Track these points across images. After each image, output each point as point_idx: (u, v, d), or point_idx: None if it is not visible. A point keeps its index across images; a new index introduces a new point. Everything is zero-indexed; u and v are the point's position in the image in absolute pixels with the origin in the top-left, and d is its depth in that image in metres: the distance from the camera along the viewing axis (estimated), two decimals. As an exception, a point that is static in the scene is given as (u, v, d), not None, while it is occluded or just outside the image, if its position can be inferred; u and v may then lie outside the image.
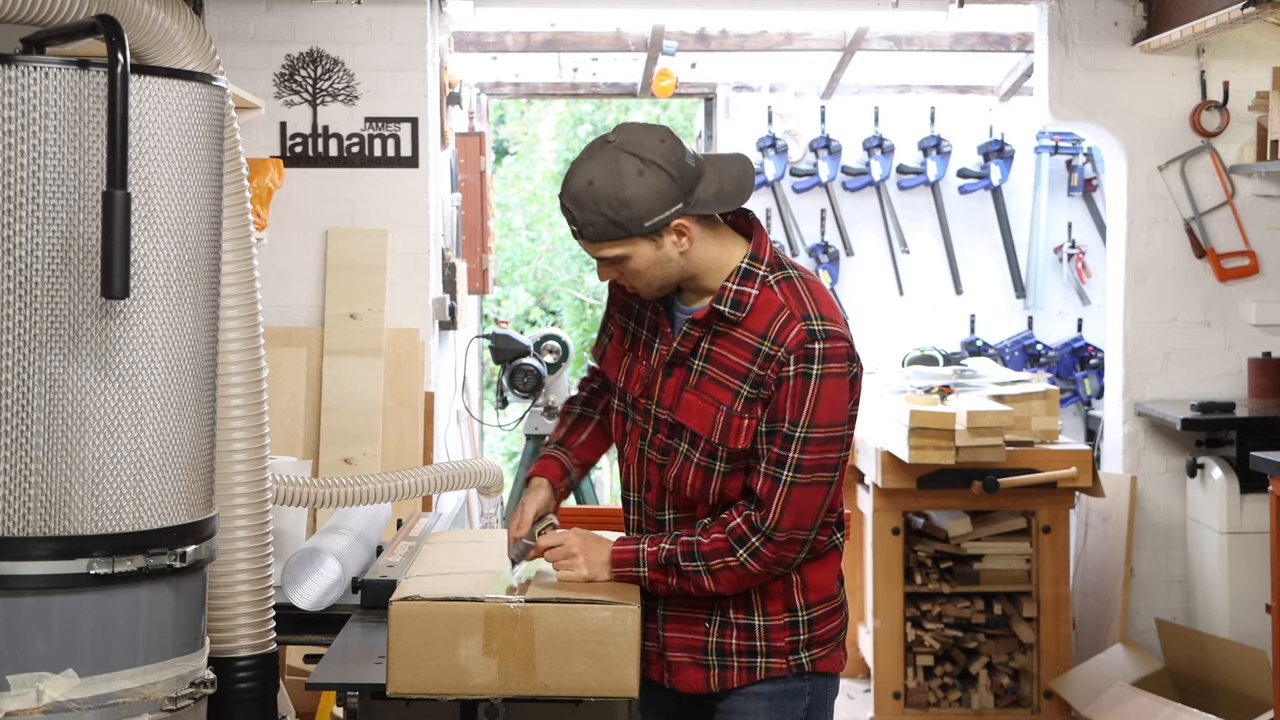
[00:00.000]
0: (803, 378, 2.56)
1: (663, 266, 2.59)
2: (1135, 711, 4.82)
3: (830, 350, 2.57)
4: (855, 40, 6.82)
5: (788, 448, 2.58)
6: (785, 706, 2.72)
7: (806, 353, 2.56)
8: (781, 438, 2.58)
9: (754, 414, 2.60)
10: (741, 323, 2.60)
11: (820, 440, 2.58)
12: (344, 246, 5.60)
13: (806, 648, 2.71)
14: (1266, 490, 4.51)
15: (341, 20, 5.59)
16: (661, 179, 2.52)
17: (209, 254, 2.55)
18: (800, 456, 2.57)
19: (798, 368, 2.56)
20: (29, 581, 2.34)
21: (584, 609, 2.59)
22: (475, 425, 6.99)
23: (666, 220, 2.54)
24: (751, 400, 2.60)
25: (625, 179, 2.51)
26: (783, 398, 2.57)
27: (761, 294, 2.61)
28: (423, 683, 2.59)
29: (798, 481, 2.58)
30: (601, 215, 2.53)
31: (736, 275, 2.61)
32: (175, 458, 2.46)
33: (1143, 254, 5.80)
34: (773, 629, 2.70)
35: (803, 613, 2.71)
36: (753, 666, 2.70)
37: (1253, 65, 5.73)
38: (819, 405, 2.57)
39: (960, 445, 5.02)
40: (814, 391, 2.56)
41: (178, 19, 2.79)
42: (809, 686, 2.74)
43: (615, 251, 2.57)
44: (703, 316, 2.62)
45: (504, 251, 13.11)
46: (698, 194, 2.57)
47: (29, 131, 2.30)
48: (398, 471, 3.58)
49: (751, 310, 2.60)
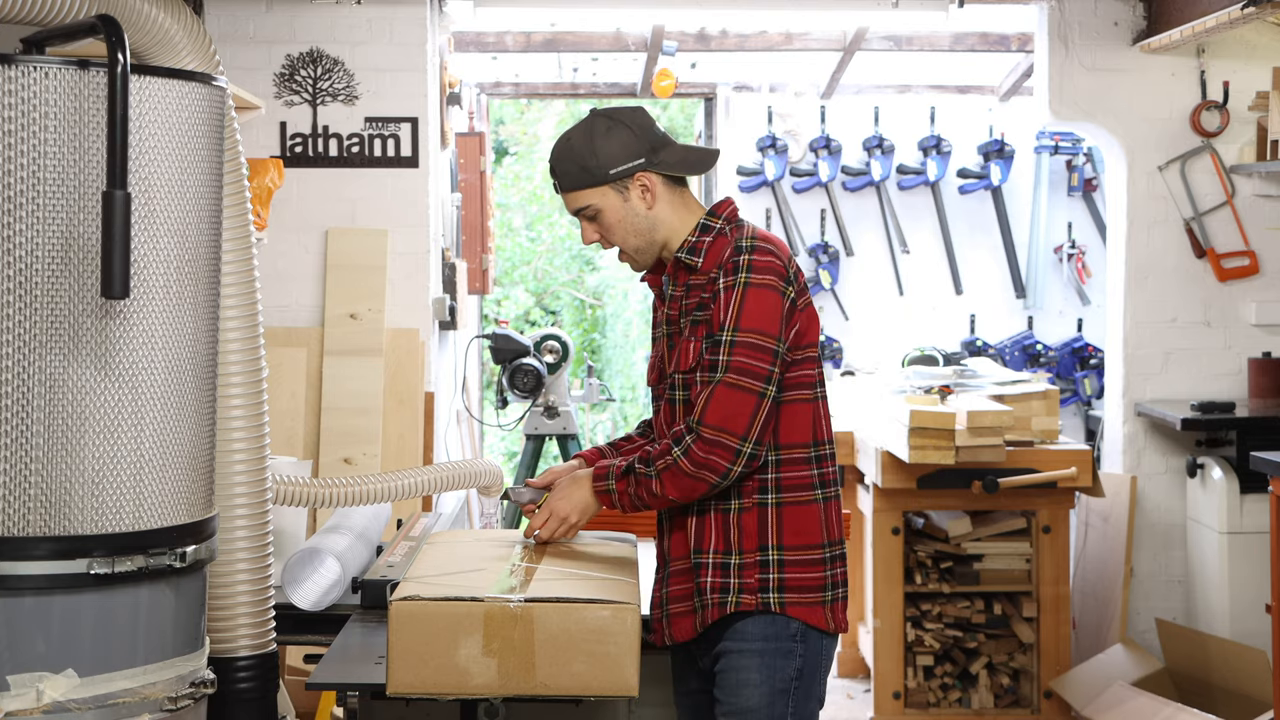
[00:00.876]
0: (729, 289, 2.80)
1: (632, 221, 2.88)
2: (1135, 711, 4.82)
3: (756, 262, 2.80)
4: (855, 40, 6.82)
5: (716, 352, 2.79)
6: (777, 664, 2.81)
7: (733, 264, 2.80)
8: (714, 345, 2.80)
9: (697, 335, 2.84)
10: (699, 269, 2.86)
11: (746, 345, 2.77)
12: (344, 246, 5.60)
13: (778, 589, 2.82)
14: (1266, 490, 4.51)
15: (341, 20, 5.59)
16: (626, 134, 2.86)
17: (209, 254, 2.55)
18: (727, 358, 2.77)
19: (726, 280, 2.81)
20: (29, 581, 2.34)
21: (584, 608, 2.60)
22: (475, 425, 6.99)
23: (630, 170, 2.85)
24: (696, 323, 2.84)
25: (595, 133, 2.87)
26: (716, 311, 2.80)
27: (716, 241, 2.88)
28: (423, 683, 2.60)
29: (724, 381, 2.76)
30: (574, 165, 2.87)
31: (696, 229, 2.90)
32: (175, 458, 2.46)
33: (1143, 254, 5.80)
34: (745, 566, 2.82)
35: (774, 552, 2.83)
36: (724, 602, 2.83)
37: (1253, 65, 5.73)
38: (744, 310, 2.77)
39: (960, 445, 5.02)
40: (738, 297, 2.78)
41: (178, 19, 2.79)
42: (802, 649, 2.82)
43: (587, 200, 2.88)
44: (671, 270, 2.91)
45: (504, 251, 13.11)
46: (662, 156, 2.88)
47: (29, 131, 2.30)
48: (398, 471, 3.58)
49: (706, 256, 2.87)
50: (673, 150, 2.89)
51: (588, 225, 2.91)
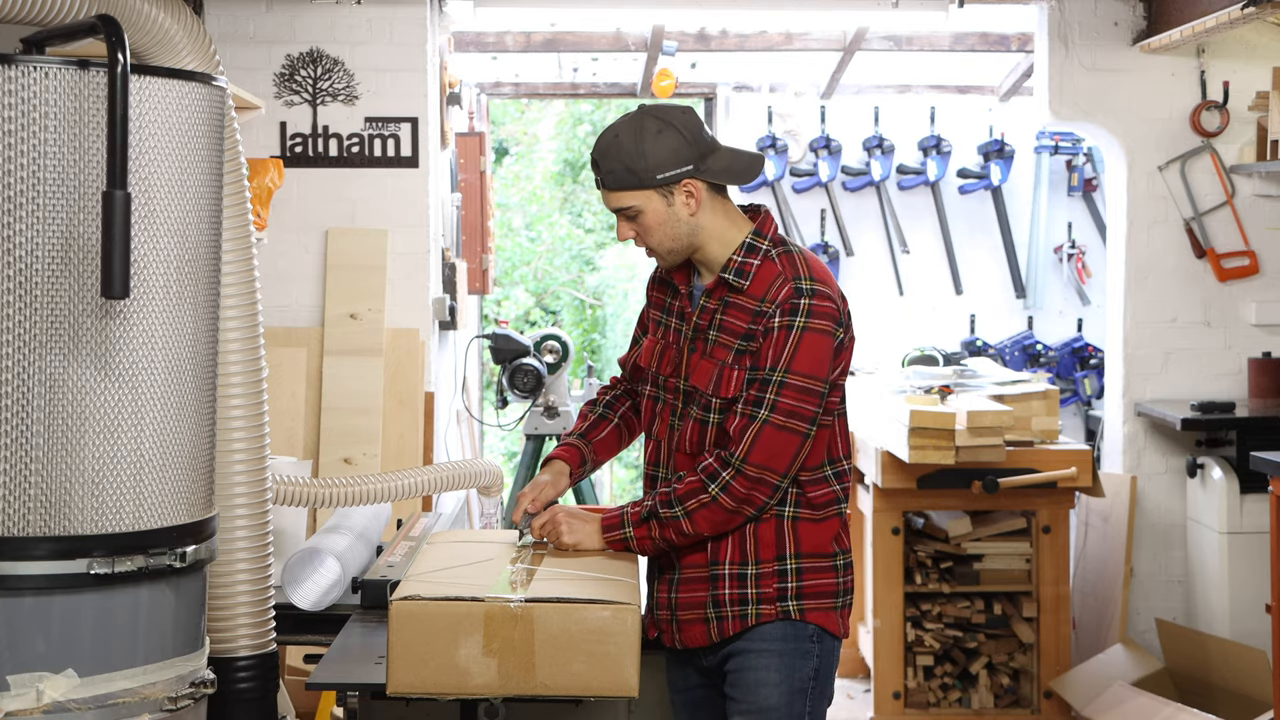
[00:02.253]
0: (785, 329, 2.78)
1: (672, 226, 2.85)
2: (1135, 711, 4.82)
3: (815, 306, 2.79)
4: (855, 40, 6.82)
5: (765, 390, 2.78)
6: (795, 664, 2.83)
7: (792, 306, 2.78)
8: (760, 382, 2.77)
9: (742, 365, 2.82)
10: (745, 291, 2.83)
11: (797, 388, 2.77)
12: (344, 246, 5.60)
13: (795, 597, 2.84)
14: (1266, 490, 4.51)
15: (341, 20, 5.59)
16: (677, 139, 2.80)
17: (209, 254, 2.55)
18: (776, 398, 2.76)
19: (782, 320, 2.78)
20: (29, 581, 2.34)
21: (584, 609, 2.59)
22: (475, 425, 6.99)
23: (678, 177, 2.81)
24: (742, 353, 2.82)
25: (645, 134, 2.80)
26: (765, 347, 2.79)
27: (763, 265, 2.84)
28: (423, 682, 2.59)
29: (771, 421, 2.76)
30: (621, 164, 2.81)
31: (742, 249, 2.86)
32: (175, 458, 2.46)
33: (1143, 254, 5.80)
34: (762, 576, 2.84)
35: (791, 562, 2.85)
36: (744, 614, 2.84)
37: (1253, 65, 5.73)
38: (798, 354, 2.77)
39: (960, 445, 5.02)
40: (794, 340, 2.77)
41: (178, 19, 2.79)
42: (819, 649, 2.85)
43: (630, 202, 2.83)
44: (712, 286, 2.87)
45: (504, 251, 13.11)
46: (710, 163, 2.83)
47: (29, 131, 2.30)
48: (398, 471, 3.58)
49: (754, 279, 2.83)
50: (720, 156, 2.86)
51: (625, 224, 2.89)
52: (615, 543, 2.87)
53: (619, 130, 2.83)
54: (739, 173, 2.87)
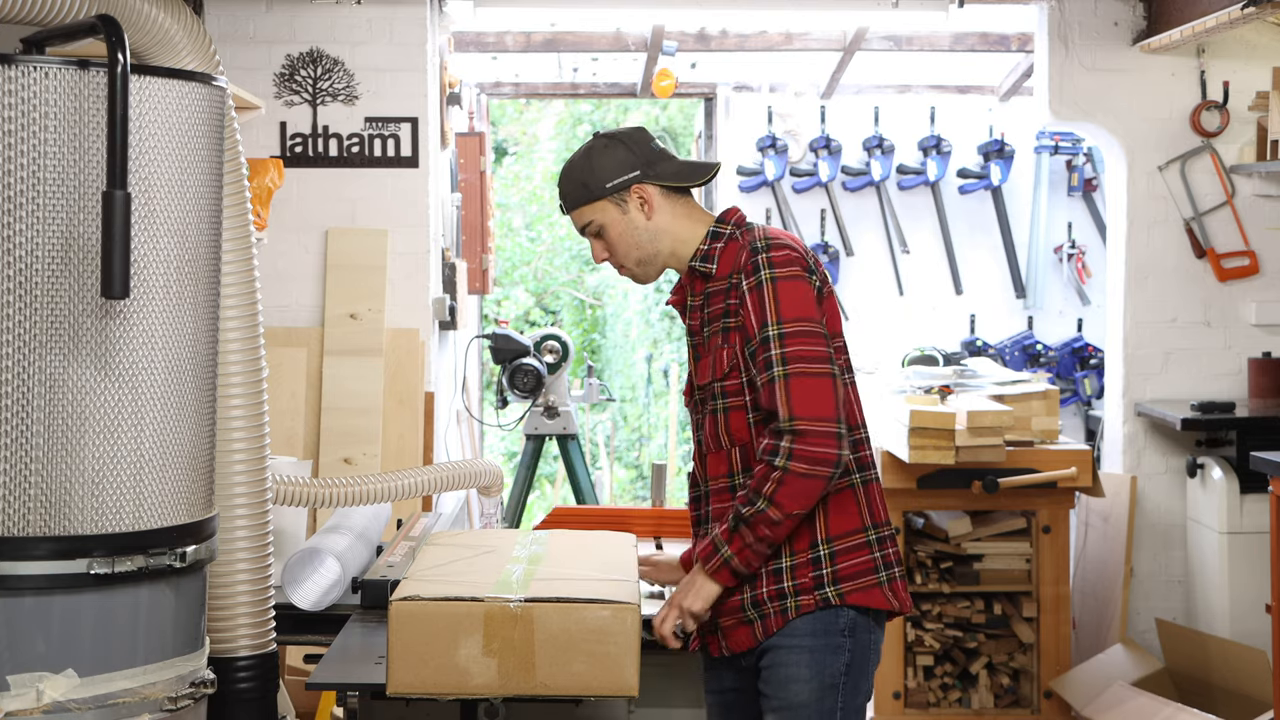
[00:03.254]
0: (755, 288, 2.82)
1: (632, 234, 2.93)
2: (1135, 711, 4.82)
3: (775, 258, 2.83)
4: (855, 40, 6.82)
5: (768, 348, 2.79)
6: (826, 660, 2.82)
7: (754, 265, 2.83)
8: (759, 345, 2.79)
9: (730, 342, 2.85)
10: (714, 275, 2.90)
11: (795, 334, 2.78)
12: (344, 246, 5.60)
13: (832, 582, 2.83)
14: (1266, 490, 4.51)
15: (341, 20, 5.59)
16: (623, 151, 2.93)
17: (209, 254, 2.55)
18: (783, 350, 2.78)
19: (749, 281, 2.83)
20: (29, 581, 2.34)
21: (584, 608, 2.59)
22: (475, 425, 6.99)
23: (626, 184, 2.91)
24: (728, 330, 2.86)
25: (594, 152, 2.95)
26: (746, 315, 2.82)
27: (726, 247, 2.92)
28: (423, 682, 2.59)
29: (790, 372, 2.77)
30: (574, 183, 2.94)
31: (707, 238, 2.94)
32: (175, 458, 2.46)
33: (1143, 254, 5.80)
34: (798, 567, 2.83)
35: (824, 547, 2.84)
36: (784, 608, 2.83)
37: (1253, 65, 5.73)
38: (780, 303, 2.79)
39: (960, 445, 5.02)
40: (769, 293, 2.80)
41: (178, 19, 2.79)
42: (850, 643, 2.84)
43: (590, 217, 2.93)
44: (688, 281, 2.95)
45: (504, 251, 13.11)
46: (658, 169, 2.93)
47: (29, 131, 2.30)
48: (398, 471, 3.58)
49: (719, 262, 2.91)
50: (670, 163, 2.95)
51: (596, 244, 2.96)
52: (720, 572, 2.80)
53: (573, 157, 2.97)
54: (687, 174, 2.95)
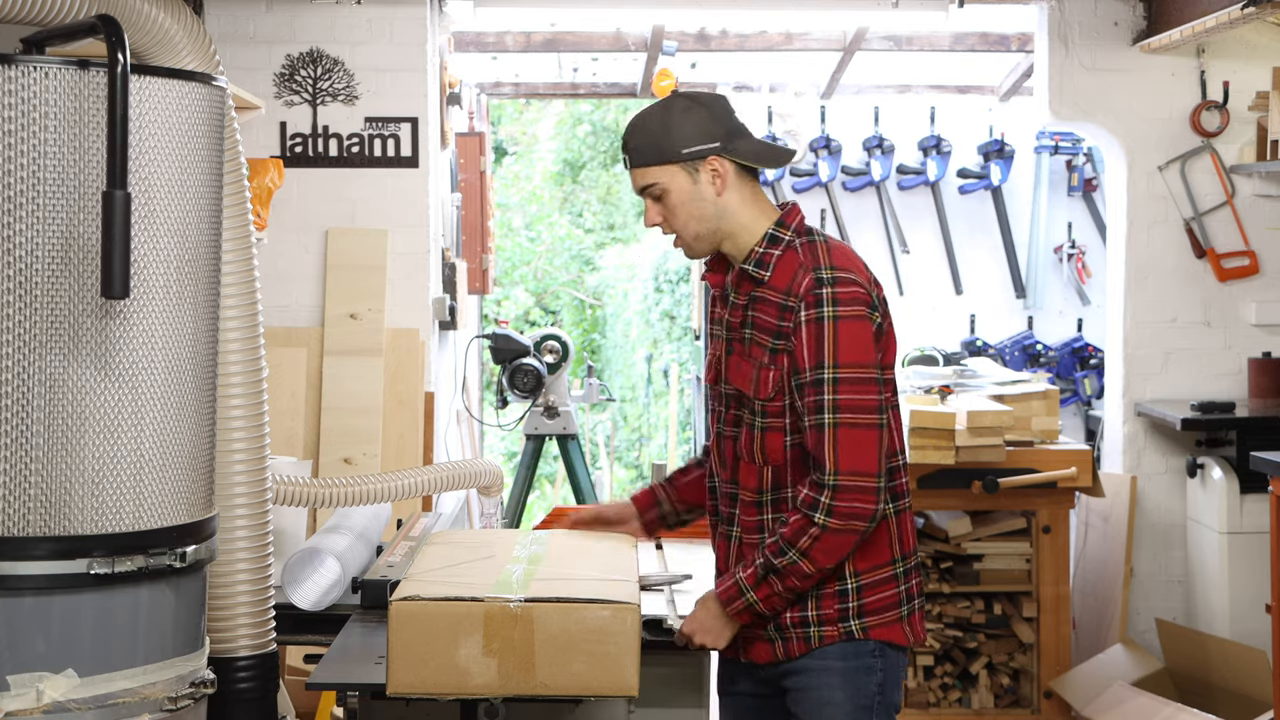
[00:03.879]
0: (815, 322, 2.70)
1: (698, 205, 2.77)
2: (1135, 711, 4.82)
3: (840, 294, 2.70)
4: (855, 40, 6.82)
5: (820, 391, 2.69)
6: (859, 681, 2.78)
7: (815, 298, 2.70)
8: (811, 385, 2.70)
9: (778, 364, 2.73)
10: (767, 283, 2.77)
11: (851, 380, 2.68)
12: (344, 246, 5.59)
13: (857, 615, 2.78)
14: (1266, 490, 4.51)
15: (341, 20, 5.59)
16: (704, 115, 2.77)
17: (209, 254, 2.55)
18: (835, 397, 2.68)
19: (808, 313, 2.70)
20: (29, 581, 2.33)
21: (584, 608, 2.59)
22: (475, 425, 6.99)
23: (703, 153, 2.75)
24: (776, 351, 2.74)
25: (673, 111, 2.78)
26: (799, 346, 2.70)
27: (785, 255, 2.77)
28: (422, 683, 2.59)
29: (840, 422, 2.68)
30: (647, 140, 2.77)
31: (764, 240, 2.80)
32: (175, 458, 2.46)
33: (1143, 254, 5.80)
34: (823, 598, 2.78)
35: (851, 580, 2.78)
36: (808, 636, 2.79)
37: (1253, 65, 5.73)
38: (839, 346, 2.69)
39: (960, 445, 5.02)
40: (829, 333, 2.69)
41: (178, 19, 2.79)
42: (881, 663, 2.80)
43: (655, 178, 2.77)
44: (735, 280, 2.82)
45: (504, 251, 13.11)
46: (737, 145, 2.78)
47: (29, 131, 2.30)
48: (398, 471, 3.58)
49: (776, 270, 2.77)
50: (749, 141, 2.80)
51: (652, 206, 2.81)
52: (743, 614, 2.76)
53: (647, 111, 2.81)
54: (767, 158, 2.83)
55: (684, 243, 2.84)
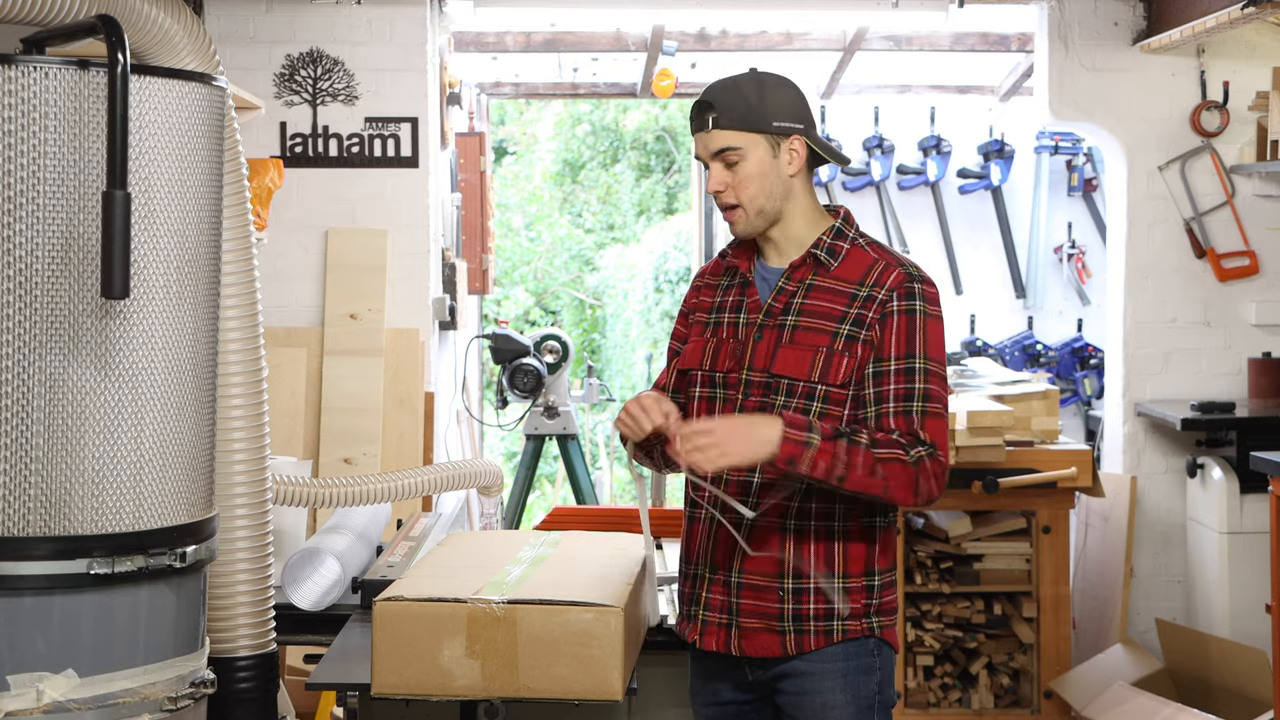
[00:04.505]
0: (907, 314, 2.73)
1: (772, 180, 2.76)
2: (1135, 711, 4.82)
3: (929, 293, 2.78)
4: (855, 40, 6.82)
5: (911, 380, 2.70)
6: (859, 683, 2.75)
7: (908, 290, 2.75)
8: (901, 373, 2.70)
9: (853, 352, 2.72)
10: (833, 272, 2.77)
11: (936, 374, 2.73)
12: (344, 246, 5.59)
13: (877, 613, 2.77)
14: (1266, 490, 4.51)
15: (341, 20, 5.59)
16: (792, 93, 2.79)
17: (209, 254, 2.55)
18: (925, 386, 2.71)
19: (901, 304, 2.73)
20: (29, 581, 2.33)
21: (567, 611, 2.57)
22: (475, 425, 6.99)
23: (790, 130, 2.77)
24: (852, 339, 2.72)
25: (766, 84, 2.78)
26: (888, 335, 2.72)
27: (853, 250, 2.80)
28: (406, 684, 2.58)
29: (928, 411, 2.70)
30: (742, 101, 2.74)
31: (830, 232, 2.81)
32: (175, 458, 2.46)
33: (1143, 254, 5.80)
34: (852, 591, 2.74)
35: (875, 578, 2.78)
36: (830, 629, 2.73)
37: (1253, 65, 5.73)
38: (929, 340, 2.74)
39: (960, 445, 5.02)
40: (921, 326, 2.74)
41: (178, 19, 2.79)
42: (879, 661, 2.78)
43: (739, 142, 2.73)
44: (798, 263, 2.79)
45: (504, 251, 13.11)
46: (814, 133, 2.81)
47: (29, 131, 2.30)
48: (398, 471, 3.58)
49: (844, 262, 2.78)
50: (819, 133, 2.84)
51: (721, 171, 2.75)
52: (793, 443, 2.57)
53: (738, 78, 2.78)
54: (834, 154, 2.84)
55: (743, 214, 2.77)
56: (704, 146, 2.76)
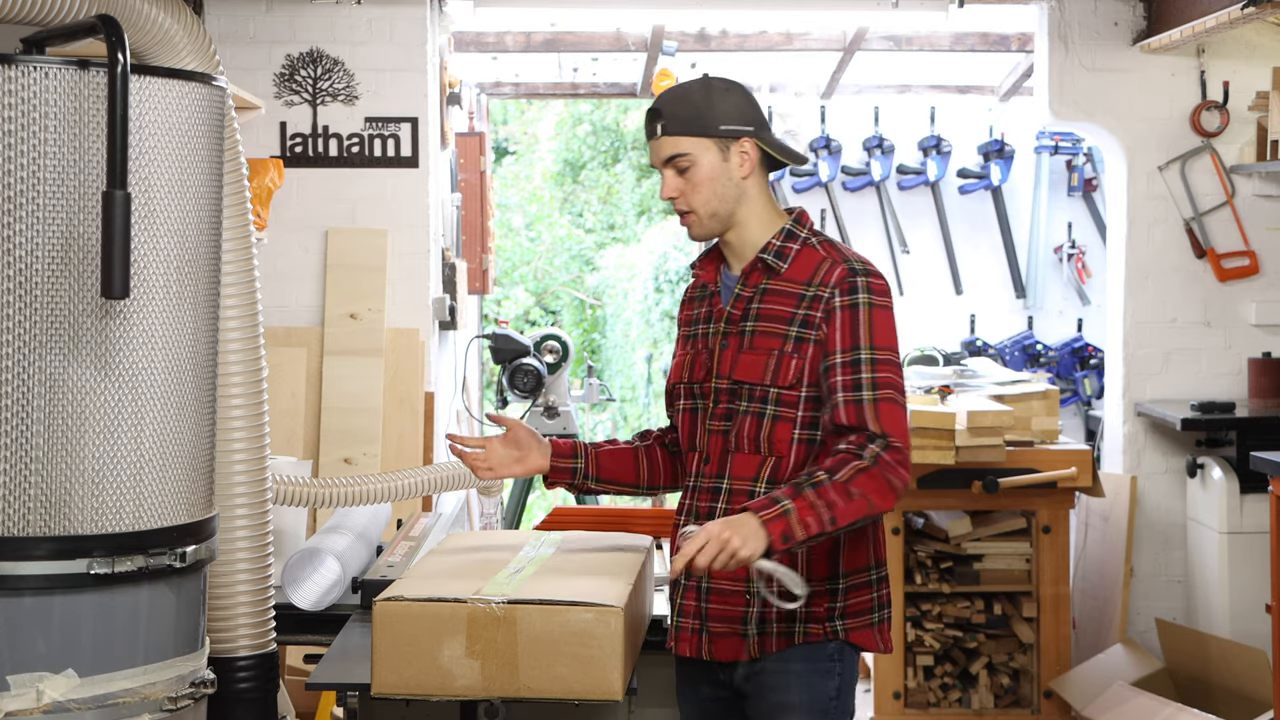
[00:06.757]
0: (850, 308, 2.74)
1: (723, 184, 2.79)
2: (1135, 711, 4.82)
3: (873, 284, 2.76)
4: (855, 40, 6.82)
5: (858, 370, 2.71)
6: (816, 685, 2.76)
7: (850, 285, 2.75)
8: (847, 365, 2.72)
9: (802, 353, 2.75)
10: (783, 274, 2.79)
11: (887, 362, 2.73)
12: (344, 246, 5.60)
13: (841, 616, 2.77)
14: (1266, 490, 4.51)
15: (341, 20, 5.59)
16: (740, 97, 2.82)
17: (209, 254, 2.55)
18: (873, 375, 2.71)
19: (844, 299, 2.74)
20: (29, 581, 2.34)
21: (567, 611, 2.56)
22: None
23: (738, 133, 2.79)
24: (801, 340, 2.75)
25: (713, 89, 2.81)
26: (833, 330, 2.73)
27: (803, 250, 2.81)
28: (406, 684, 2.58)
29: (879, 398, 2.70)
30: (687, 109, 2.78)
31: (781, 234, 2.83)
32: (175, 458, 2.46)
33: (1143, 254, 5.80)
34: (813, 595, 2.73)
35: (841, 580, 2.78)
36: (790, 632, 2.75)
37: (1253, 65, 5.73)
38: (875, 330, 2.73)
39: (960, 445, 5.02)
40: (865, 318, 2.73)
41: (178, 19, 2.79)
42: (840, 667, 2.78)
43: (688, 148, 2.77)
44: (748, 269, 2.82)
45: (504, 251, 13.11)
46: (765, 135, 2.82)
47: (29, 131, 2.30)
48: (398, 471, 3.58)
49: (794, 263, 2.80)
50: (773, 135, 2.85)
51: (674, 178, 2.79)
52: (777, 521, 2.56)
53: (686, 85, 2.82)
54: (788, 154, 2.85)
55: (697, 219, 2.81)
56: (656, 154, 2.81)
